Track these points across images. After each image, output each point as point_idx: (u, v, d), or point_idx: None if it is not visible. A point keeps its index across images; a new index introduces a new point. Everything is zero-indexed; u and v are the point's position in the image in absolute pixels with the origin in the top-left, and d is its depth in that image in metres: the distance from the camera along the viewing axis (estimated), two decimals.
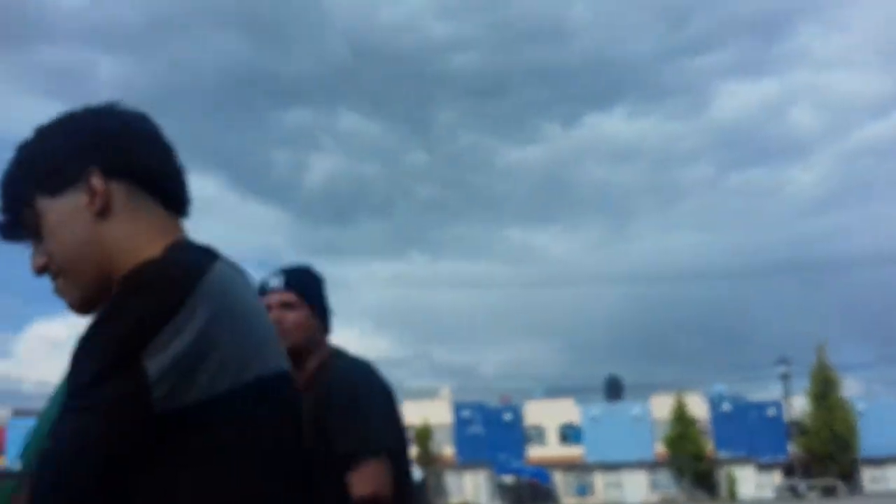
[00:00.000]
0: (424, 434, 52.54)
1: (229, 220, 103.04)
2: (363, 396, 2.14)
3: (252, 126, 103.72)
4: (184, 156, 1.23)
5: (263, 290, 2.20)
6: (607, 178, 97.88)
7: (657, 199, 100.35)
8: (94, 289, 1.14)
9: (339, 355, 2.28)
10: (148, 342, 0.99)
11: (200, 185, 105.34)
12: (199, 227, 1.24)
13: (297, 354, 2.11)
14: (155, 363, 0.98)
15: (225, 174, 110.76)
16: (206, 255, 1.10)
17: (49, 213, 1.14)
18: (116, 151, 1.16)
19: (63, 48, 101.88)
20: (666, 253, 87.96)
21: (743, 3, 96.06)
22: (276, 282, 2.22)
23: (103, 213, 1.13)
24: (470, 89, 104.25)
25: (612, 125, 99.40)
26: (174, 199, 1.21)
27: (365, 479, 2.04)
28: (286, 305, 2.18)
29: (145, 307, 1.01)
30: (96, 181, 1.13)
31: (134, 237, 1.13)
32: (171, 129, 1.23)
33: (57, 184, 1.14)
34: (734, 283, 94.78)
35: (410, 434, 54.39)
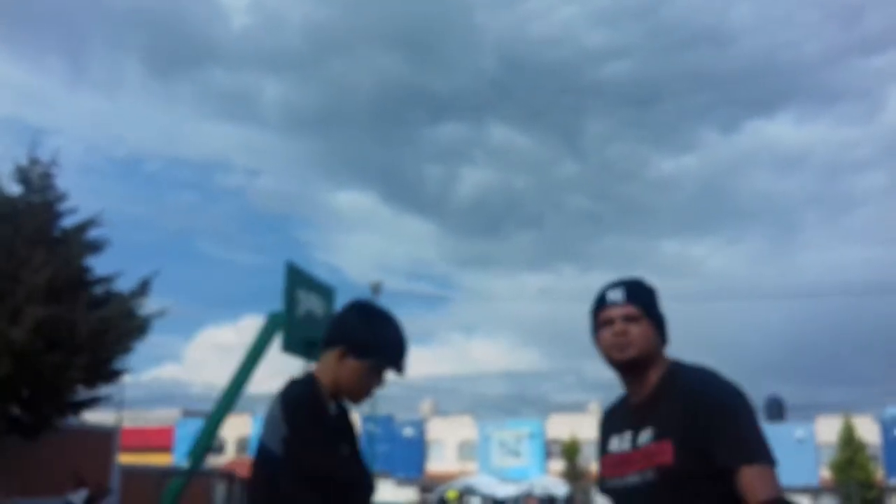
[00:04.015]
0: (572, 449, 51.87)
1: (383, 233, 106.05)
2: (734, 406, 2.08)
3: (406, 141, 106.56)
4: (343, 171, 1.29)
5: (602, 302, 2.28)
6: (771, 188, 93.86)
7: (826, 210, 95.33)
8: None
9: (681, 366, 2.26)
10: None
11: (358, 199, 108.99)
12: (356, 240, 1.30)
13: (640, 367, 2.22)
14: None
15: (380, 188, 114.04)
16: None
17: None
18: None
19: (232, 71, 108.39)
20: (834, 267, 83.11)
21: None
22: (617, 295, 2.26)
23: None
24: (623, 98, 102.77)
25: (777, 131, 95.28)
26: None
27: (761, 483, 1.98)
28: (629, 318, 2.22)
29: None
30: None
31: None
32: (332, 146, 1.29)
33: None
34: None
35: (558, 449, 53.96)
